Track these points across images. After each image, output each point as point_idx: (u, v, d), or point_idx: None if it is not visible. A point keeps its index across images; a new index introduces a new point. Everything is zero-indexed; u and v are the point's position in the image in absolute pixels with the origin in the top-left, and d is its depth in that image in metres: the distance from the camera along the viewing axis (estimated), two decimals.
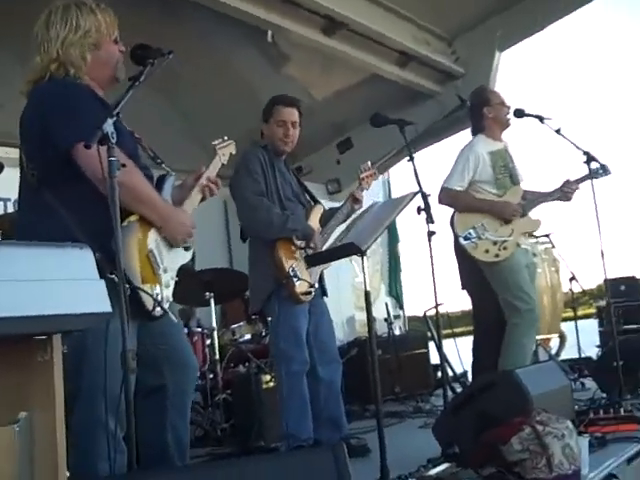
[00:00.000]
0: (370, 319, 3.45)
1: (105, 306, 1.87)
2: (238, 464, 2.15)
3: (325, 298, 4.08)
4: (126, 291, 2.28)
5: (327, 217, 4.06)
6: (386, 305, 7.29)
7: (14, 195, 5.73)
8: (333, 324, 4.12)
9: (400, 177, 9.38)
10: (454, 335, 4.43)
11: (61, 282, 1.77)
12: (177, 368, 2.71)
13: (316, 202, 4.14)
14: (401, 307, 9.25)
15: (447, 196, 4.62)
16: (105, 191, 2.34)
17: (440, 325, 6.85)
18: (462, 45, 7.36)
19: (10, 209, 5.67)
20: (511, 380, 3.29)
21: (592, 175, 4.53)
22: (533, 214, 4.73)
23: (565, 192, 4.67)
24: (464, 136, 7.43)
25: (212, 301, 5.25)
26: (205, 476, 1.99)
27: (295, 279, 3.73)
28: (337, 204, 4.41)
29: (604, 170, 4.56)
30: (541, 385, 3.37)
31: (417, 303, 12.85)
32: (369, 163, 4.22)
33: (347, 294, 7.84)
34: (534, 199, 4.74)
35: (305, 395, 3.76)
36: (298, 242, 3.82)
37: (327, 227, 4.00)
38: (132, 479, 2.14)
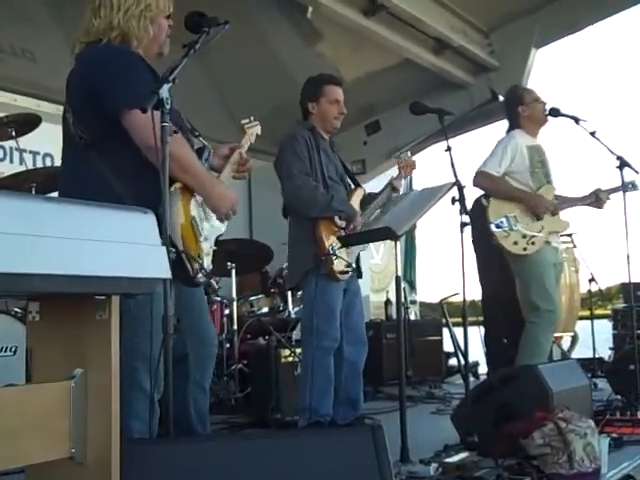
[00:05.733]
0: (399, 303, 3.48)
1: (165, 272, 1.89)
2: (277, 436, 2.19)
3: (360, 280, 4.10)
4: (171, 255, 2.30)
5: (366, 202, 4.08)
6: (403, 290, 7.29)
7: (48, 149, 5.82)
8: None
9: (422, 166, 9.37)
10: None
11: (124, 245, 1.78)
12: (199, 341, 2.74)
13: (357, 185, 4.16)
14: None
15: (483, 179, 4.56)
16: (152, 158, 2.37)
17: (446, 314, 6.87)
18: (498, 38, 7.29)
19: (39, 163, 5.73)
20: (533, 375, 3.33)
21: (623, 187, 4.56)
22: (562, 215, 4.73)
23: (598, 199, 4.70)
24: (492, 129, 7.47)
25: (233, 272, 5.30)
26: (245, 446, 2.03)
27: (334, 257, 3.77)
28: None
29: (633, 186, 4.60)
30: (562, 382, 3.40)
31: (427, 290, 12.87)
32: (409, 153, 4.23)
33: (364, 275, 7.88)
34: (565, 201, 4.75)
35: (331, 372, 3.80)
36: (339, 222, 3.85)
37: (366, 211, 4.02)
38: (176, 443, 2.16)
